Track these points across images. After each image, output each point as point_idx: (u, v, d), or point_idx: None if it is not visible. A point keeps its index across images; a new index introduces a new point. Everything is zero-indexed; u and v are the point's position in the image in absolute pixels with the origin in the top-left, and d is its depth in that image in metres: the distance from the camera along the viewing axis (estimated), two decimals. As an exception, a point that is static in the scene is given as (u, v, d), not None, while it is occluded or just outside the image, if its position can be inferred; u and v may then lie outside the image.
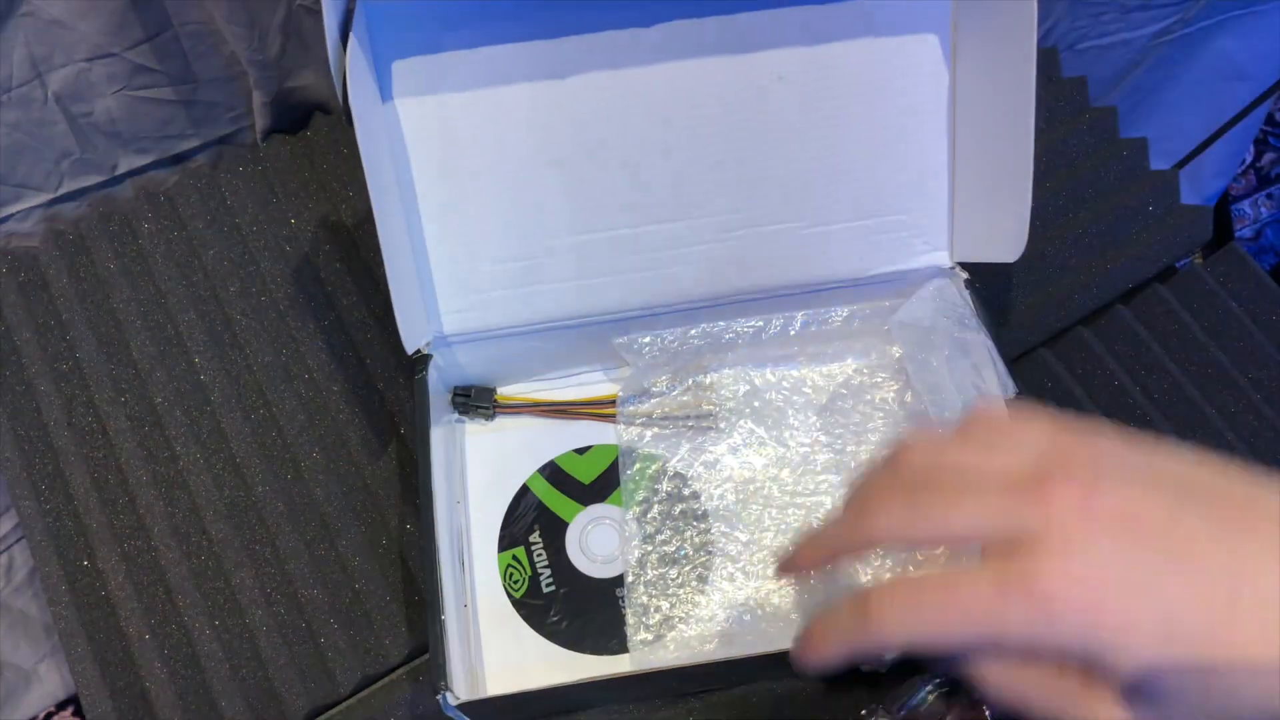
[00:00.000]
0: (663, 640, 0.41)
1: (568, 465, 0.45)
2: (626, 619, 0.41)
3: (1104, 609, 0.19)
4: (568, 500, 0.44)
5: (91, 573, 0.44)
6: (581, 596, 0.42)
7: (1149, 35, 0.67)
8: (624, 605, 0.41)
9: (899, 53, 0.41)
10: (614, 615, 0.41)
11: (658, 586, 0.42)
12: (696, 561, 0.42)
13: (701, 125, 0.41)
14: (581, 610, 0.42)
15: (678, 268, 0.43)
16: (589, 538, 0.43)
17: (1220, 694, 0.19)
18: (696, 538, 0.43)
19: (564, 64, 0.40)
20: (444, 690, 0.35)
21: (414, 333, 0.40)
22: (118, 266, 0.50)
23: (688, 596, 0.41)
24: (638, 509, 0.43)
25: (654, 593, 0.42)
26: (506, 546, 0.43)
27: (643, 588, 0.42)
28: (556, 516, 0.44)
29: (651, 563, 0.42)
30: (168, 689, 0.42)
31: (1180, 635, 0.19)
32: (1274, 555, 0.19)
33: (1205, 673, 0.19)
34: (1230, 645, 0.19)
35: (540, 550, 0.43)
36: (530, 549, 0.43)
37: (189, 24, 0.50)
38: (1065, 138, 0.54)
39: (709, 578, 0.42)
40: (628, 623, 0.41)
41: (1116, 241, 0.51)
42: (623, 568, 0.42)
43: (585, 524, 0.44)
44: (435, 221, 0.41)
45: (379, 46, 0.38)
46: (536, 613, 0.42)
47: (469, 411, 0.46)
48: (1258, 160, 0.96)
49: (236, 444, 0.46)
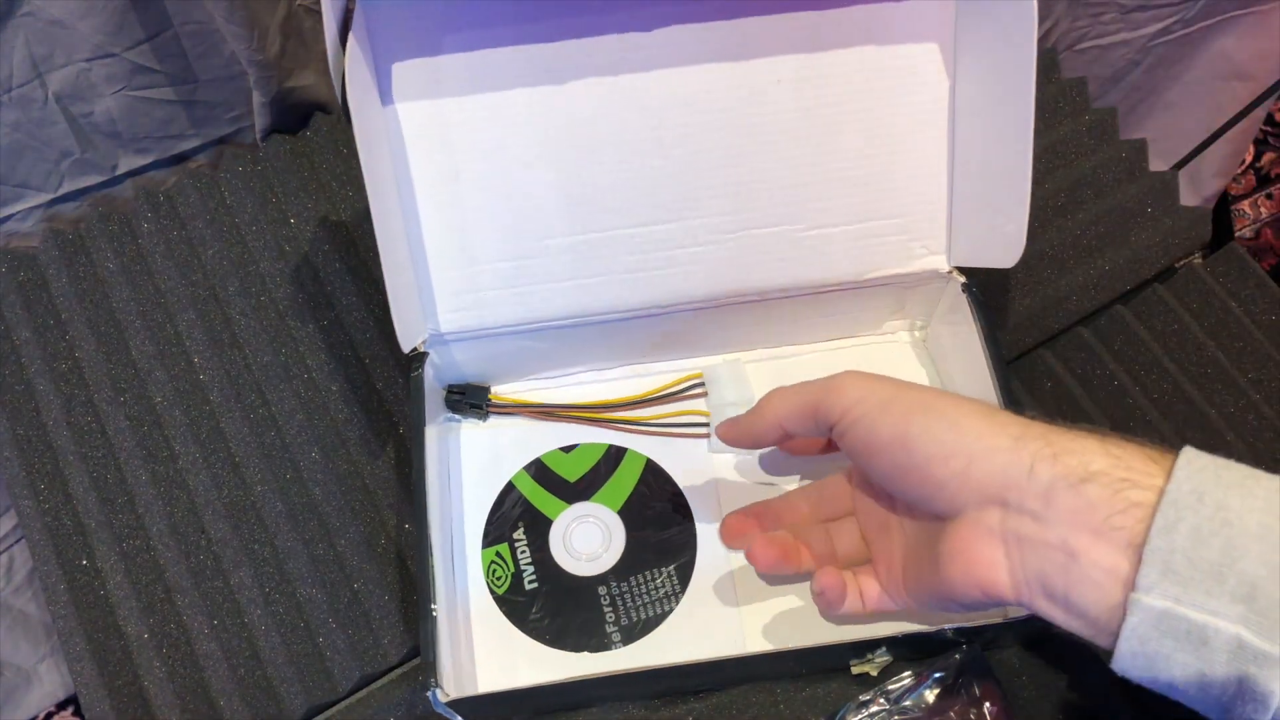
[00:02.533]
0: (640, 640, 0.41)
1: (554, 463, 0.45)
2: (606, 617, 0.41)
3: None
4: (553, 498, 0.44)
5: (90, 572, 0.44)
6: (563, 594, 0.42)
7: (1149, 35, 0.67)
8: (605, 603, 0.41)
9: (899, 58, 0.41)
10: (596, 613, 0.41)
11: (639, 585, 0.42)
12: (680, 560, 0.42)
13: (699, 127, 0.41)
14: (563, 608, 0.42)
15: (674, 269, 0.43)
16: (573, 535, 0.43)
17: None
18: (679, 537, 0.43)
19: (563, 67, 0.40)
20: (434, 687, 0.35)
21: (410, 331, 0.40)
22: (117, 266, 0.50)
23: (669, 595, 0.41)
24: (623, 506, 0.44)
25: (635, 590, 0.42)
26: (491, 543, 0.43)
27: (625, 585, 0.42)
28: (541, 514, 0.44)
29: (635, 560, 0.42)
30: (166, 688, 0.42)
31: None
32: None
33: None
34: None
35: (524, 547, 0.43)
36: (514, 546, 0.43)
37: (189, 24, 0.50)
38: (1065, 138, 0.54)
39: (691, 577, 0.42)
40: (606, 620, 0.41)
41: (1115, 243, 0.51)
42: (606, 566, 0.42)
43: (570, 522, 0.43)
44: (433, 220, 0.41)
45: (379, 48, 0.38)
46: (518, 609, 0.42)
47: (463, 410, 0.46)
48: (1257, 160, 0.95)
49: (235, 443, 0.47)
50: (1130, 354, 0.49)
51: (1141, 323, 0.50)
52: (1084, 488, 0.28)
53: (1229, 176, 0.79)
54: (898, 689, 0.39)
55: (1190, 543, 0.26)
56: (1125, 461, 0.29)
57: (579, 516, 0.43)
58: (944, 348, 0.46)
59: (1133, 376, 0.48)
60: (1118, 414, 0.47)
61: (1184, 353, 0.49)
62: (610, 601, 0.41)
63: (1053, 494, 0.29)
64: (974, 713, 0.39)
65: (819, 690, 0.41)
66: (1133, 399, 0.48)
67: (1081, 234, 0.51)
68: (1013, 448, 0.30)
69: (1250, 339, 0.49)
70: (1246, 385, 0.48)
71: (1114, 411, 0.47)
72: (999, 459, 0.30)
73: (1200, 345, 0.49)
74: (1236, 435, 0.46)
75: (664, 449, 0.45)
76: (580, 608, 0.42)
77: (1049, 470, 0.29)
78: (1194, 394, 0.47)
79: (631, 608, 0.41)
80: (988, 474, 0.30)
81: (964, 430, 0.31)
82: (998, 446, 0.30)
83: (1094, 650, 0.41)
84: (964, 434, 0.31)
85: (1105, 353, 0.49)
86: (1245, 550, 0.26)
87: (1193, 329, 0.49)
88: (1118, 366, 0.48)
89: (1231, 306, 0.50)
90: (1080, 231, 0.51)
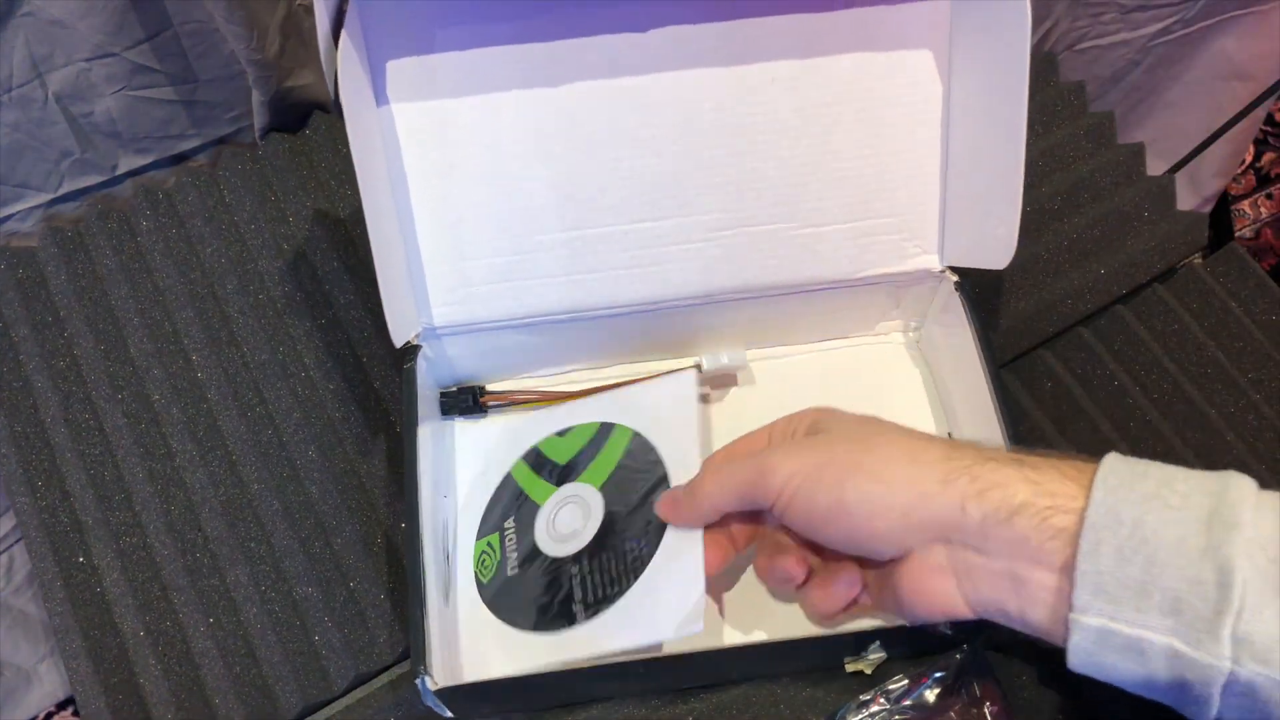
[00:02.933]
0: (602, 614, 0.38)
1: (548, 449, 0.44)
2: (574, 595, 0.39)
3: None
4: (543, 483, 0.43)
5: (87, 569, 0.44)
6: (538, 576, 0.41)
7: (1149, 35, 0.67)
8: (576, 581, 0.40)
9: (894, 60, 0.41)
10: (566, 593, 0.39)
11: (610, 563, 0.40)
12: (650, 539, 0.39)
13: (695, 124, 0.41)
14: (535, 590, 0.40)
15: (668, 265, 0.43)
16: (557, 517, 0.42)
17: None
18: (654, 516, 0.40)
19: (559, 66, 0.40)
20: (423, 674, 0.35)
21: (402, 325, 0.40)
22: (115, 264, 0.51)
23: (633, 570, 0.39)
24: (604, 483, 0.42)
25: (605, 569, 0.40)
26: (484, 534, 0.43)
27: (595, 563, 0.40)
28: (530, 500, 0.43)
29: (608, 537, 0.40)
30: (162, 685, 0.42)
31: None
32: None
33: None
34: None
35: (512, 535, 0.42)
36: (504, 534, 0.42)
37: (188, 24, 0.50)
38: (1062, 142, 0.54)
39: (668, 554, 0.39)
40: (574, 599, 0.39)
41: (1111, 247, 0.51)
42: (580, 545, 0.40)
43: (556, 504, 0.42)
44: (426, 214, 0.41)
45: (373, 44, 0.38)
46: (497, 596, 0.41)
47: (458, 411, 0.46)
48: (1257, 160, 0.95)
49: (232, 441, 0.47)
50: (1130, 354, 0.49)
51: (1141, 323, 0.50)
52: (1013, 521, 0.30)
53: (1229, 176, 0.79)
54: (898, 689, 0.39)
55: (1114, 563, 0.28)
56: (1046, 488, 0.30)
57: (565, 498, 0.42)
58: (937, 348, 0.46)
59: (1133, 376, 0.48)
60: (1118, 414, 0.47)
61: (1184, 353, 0.49)
62: (581, 579, 0.40)
63: (986, 529, 0.30)
64: (974, 713, 0.39)
65: (819, 690, 0.40)
66: (1133, 399, 0.47)
67: (1078, 238, 0.51)
68: (942, 491, 0.31)
69: (1250, 339, 0.49)
70: (1246, 385, 0.47)
71: (1114, 411, 0.47)
72: (933, 505, 0.31)
73: (1200, 345, 0.49)
74: (1236, 435, 0.46)
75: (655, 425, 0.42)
76: (550, 588, 0.40)
77: (978, 509, 0.31)
78: (1194, 394, 0.47)
79: (598, 584, 0.39)
80: (925, 520, 0.32)
81: (894, 483, 0.32)
82: (928, 493, 0.31)
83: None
84: (894, 487, 0.32)
85: (1105, 353, 0.49)
86: (1165, 565, 0.27)
87: (1193, 329, 0.49)
88: (1118, 366, 0.48)
89: (1231, 306, 0.50)
90: (1077, 235, 0.51)
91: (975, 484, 0.31)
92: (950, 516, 0.31)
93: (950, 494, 0.31)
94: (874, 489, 0.32)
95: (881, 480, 0.32)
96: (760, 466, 0.34)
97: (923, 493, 0.32)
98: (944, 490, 0.31)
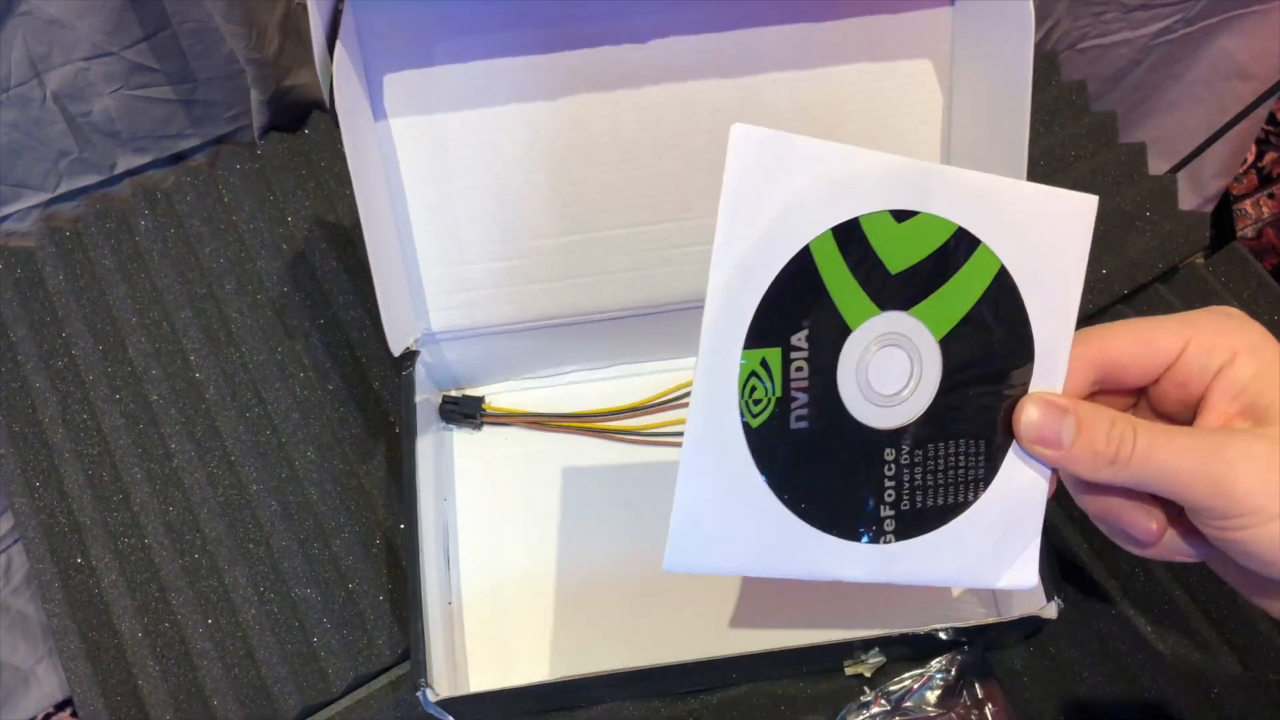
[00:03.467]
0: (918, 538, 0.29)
1: (876, 235, 0.27)
2: (885, 495, 0.28)
3: None
4: (860, 292, 0.28)
5: (85, 570, 0.44)
6: (840, 445, 0.28)
7: (1150, 34, 0.67)
8: (888, 474, 0.28)
9: (896, 69, 0.41)
10: (874, 486, 0.28)
11: (939, 461, 0.29)
12: (989, 445, 0.29)
13: (693, 128, 0.41)
14: (835, 467, 0.28)
15: (667, 269, 0.43)
16: (871, 362, 0.28)
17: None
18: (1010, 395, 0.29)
19: (559, 77, 0.39)
20: (424, 687, 0.35)
21: (400, 332, 0.40)
22: (114, 263, 0.50)
23: (970, 490, 0.29)
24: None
25: (931, 468, 0.29)
26: (756, 344, 0.27)
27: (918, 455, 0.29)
28: (835, 311, 0.27)
29: (939, 422, 0.28)
30: (160, 687, 0.42)
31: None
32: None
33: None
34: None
35: (802, 361, 0.27)
36: (789, 355, 0.27)
37: (187, 23, 0.50)
38: (1064, 142, 0.54)
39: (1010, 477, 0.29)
40: (885, 499, 0.28)
41: (1113, 247, 0.51)
42: (903, 419, 0.28)
43: (875, 339, 0.28)
44: (424, 220, 0.41)
45: (369, 52, 0.38)
46: (780, 460, 0.28)
47: (457, 420, 0.46)
48: (1259, 159, 0.95)
49: (231, 442, 0.46)
50: (1130, 354, 0.49)
51: (1142, 323, 0.49)
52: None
53: (1231, 176, 0.79)
54: (899, 689, 0.39)
55: None
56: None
57: (887, 334, 0.28)
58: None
59: (1133, 377, 0.48)
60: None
61: (1185, 353, 0.48)
62: (897, 473, 0.28)
63: None
64: (975, 713, 0.39)
65: (820, 691, 0.40)
66: (1133, 399, 0.47)
67: (1081, 234, 0.51)
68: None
69: (1251, 339, 0.49)
70: (1248, 385, 0.47)
71: (1114, 412, 0.47)
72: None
73: (1201, 345, 0.48)
74: (1237, 436, 0.46)
75: (1031, 267, 0.29)
76: (853, 470, 0.28)
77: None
78: (1195, 394, 0.47)
79: (918, 488, 0.29)
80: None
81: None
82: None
83: (1095, 650, 0.41)
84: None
85: (1105, 353, 0.49)
86: None
87: (1194, 329, 0.49)
88: (1118, 367, 0.48)
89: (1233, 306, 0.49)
90: (1080, 231, 0.51)
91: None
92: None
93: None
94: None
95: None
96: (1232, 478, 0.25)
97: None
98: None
